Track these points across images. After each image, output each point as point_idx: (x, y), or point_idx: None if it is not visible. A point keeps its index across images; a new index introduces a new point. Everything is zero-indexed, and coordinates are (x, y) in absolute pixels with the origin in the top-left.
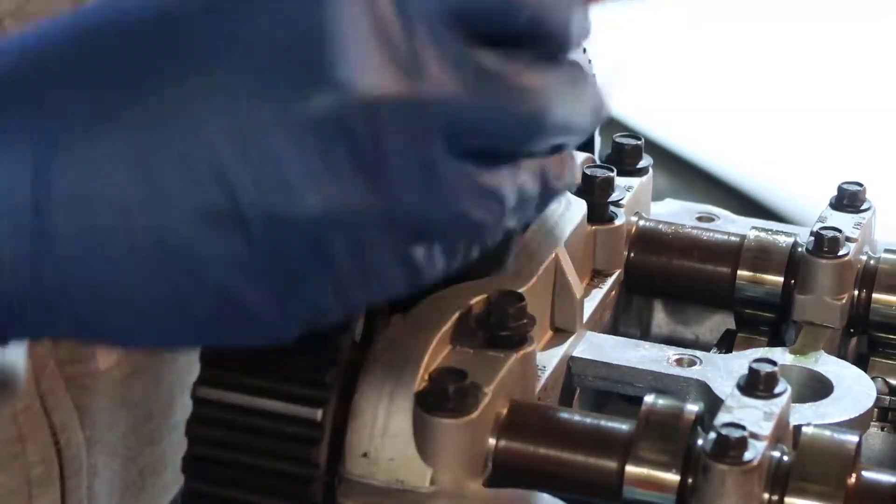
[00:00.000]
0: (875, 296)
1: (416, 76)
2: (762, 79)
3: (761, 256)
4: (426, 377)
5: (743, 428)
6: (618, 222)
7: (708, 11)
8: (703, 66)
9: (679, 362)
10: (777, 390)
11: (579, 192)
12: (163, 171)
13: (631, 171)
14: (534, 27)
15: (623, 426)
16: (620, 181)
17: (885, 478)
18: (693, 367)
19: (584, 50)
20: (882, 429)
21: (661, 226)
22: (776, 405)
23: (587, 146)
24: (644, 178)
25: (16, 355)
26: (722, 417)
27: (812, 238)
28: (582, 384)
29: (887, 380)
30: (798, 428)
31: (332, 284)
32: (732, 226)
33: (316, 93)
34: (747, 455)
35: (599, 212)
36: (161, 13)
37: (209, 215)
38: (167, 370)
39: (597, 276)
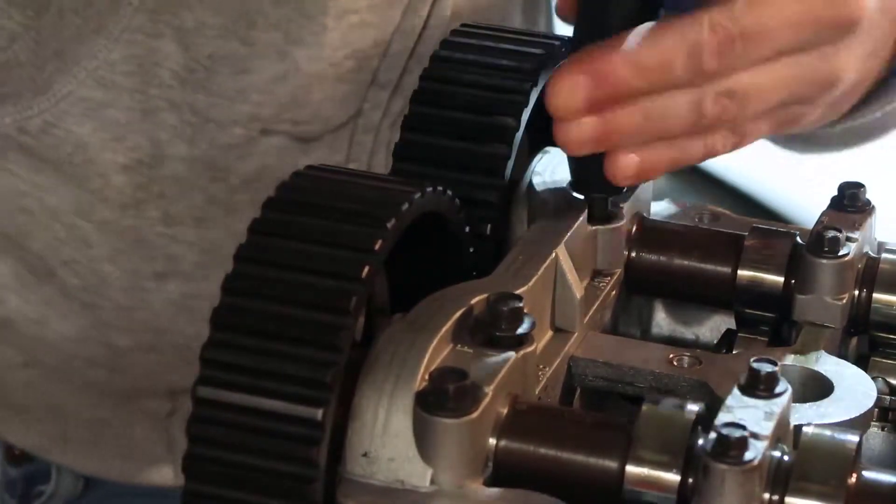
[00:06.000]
0: (875, 296)
1: None
2: None
3: (761, 256)
4: (426, 377)
5: (743, 428)
6: (618, 222)
7: None
8: None
9: (679, 362)
10: (777, 390)
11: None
12: None
13: None
14: None
15: (623, 426)
16: None
17: (885, 478)
18: (693, 367)
19: None
20: (882, 429)
21: (661, 226)
22: (777, 405)
23: None
24: None
25: None
26: (722, 417)
27: (812, 238)
28: (582, 384)
29: (888, 380)
30: (799, 428)
31: None
32: (732, 226)
33: None
34: (748, 455)
35: (600, 212)
36: None
37: None
38: None
39: (597, 275)
